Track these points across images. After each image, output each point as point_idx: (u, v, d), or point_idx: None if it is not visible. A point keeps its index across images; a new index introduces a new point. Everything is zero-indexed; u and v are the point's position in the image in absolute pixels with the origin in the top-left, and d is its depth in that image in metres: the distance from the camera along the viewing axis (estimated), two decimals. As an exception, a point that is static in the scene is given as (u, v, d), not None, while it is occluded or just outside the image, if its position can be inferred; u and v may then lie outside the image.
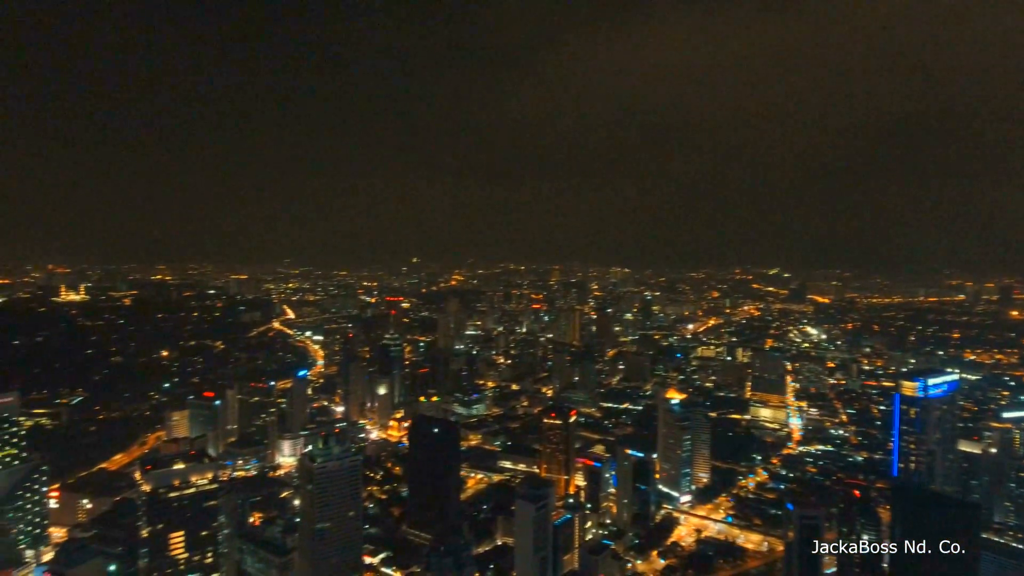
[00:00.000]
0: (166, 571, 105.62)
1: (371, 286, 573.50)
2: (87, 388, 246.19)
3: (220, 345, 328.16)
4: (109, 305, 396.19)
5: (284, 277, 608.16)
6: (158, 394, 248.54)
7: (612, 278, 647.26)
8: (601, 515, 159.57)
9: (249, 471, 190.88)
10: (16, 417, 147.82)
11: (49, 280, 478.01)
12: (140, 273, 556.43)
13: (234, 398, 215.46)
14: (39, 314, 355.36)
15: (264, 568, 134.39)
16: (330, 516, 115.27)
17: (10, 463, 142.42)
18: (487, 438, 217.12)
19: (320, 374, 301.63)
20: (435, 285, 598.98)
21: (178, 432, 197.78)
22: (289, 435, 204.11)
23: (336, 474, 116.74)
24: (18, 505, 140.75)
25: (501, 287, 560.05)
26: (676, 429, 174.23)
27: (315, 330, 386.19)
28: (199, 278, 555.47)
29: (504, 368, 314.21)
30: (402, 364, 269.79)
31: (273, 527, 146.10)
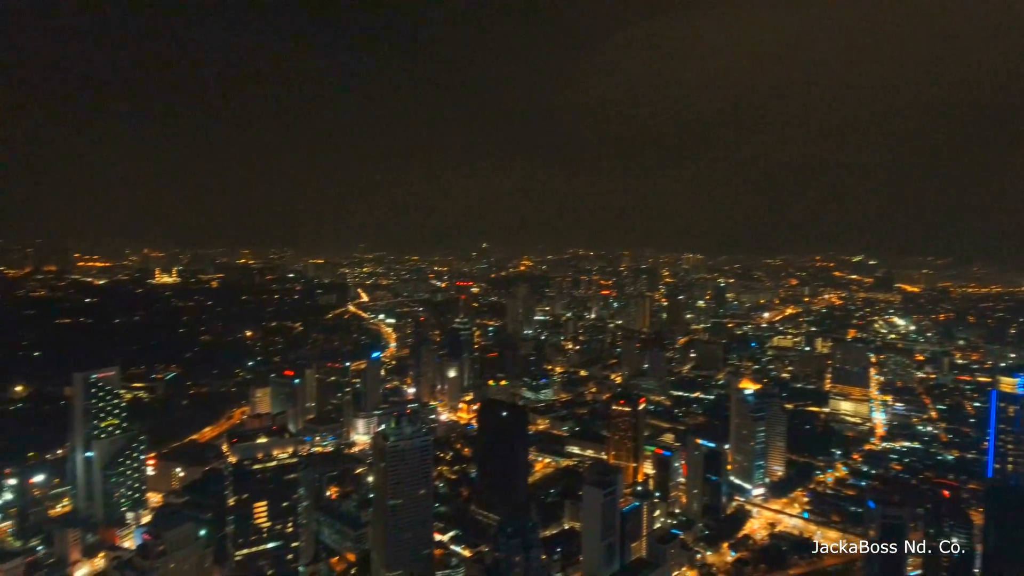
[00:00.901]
0: (250, 538, 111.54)
1: (442, 271, 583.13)
2: (180, 364, 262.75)
3: (299, 326, 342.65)
4: (198, 287, 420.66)
5: (359, 262, 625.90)
6: (243, 371, 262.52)
7: (684, 264, 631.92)
8: (670, 504, 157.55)
9: (326, 447, 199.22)
10: (117, 390, 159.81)
11: (145, 264, 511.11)
12: (226, 257, 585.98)
13: (312, 377, 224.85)
14: (137, 295, 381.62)
15: (340, 540, 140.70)
16: (402, 493, 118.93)
17: (112, 432, 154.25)
18: (555, 423, 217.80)
19: (392, 356, 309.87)
20: (504, 270, 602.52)
21: (261, 408, 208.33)
22: (363, 414, 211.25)
23: (408, 453, 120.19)
24: (120, 471, 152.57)
25: (570, 273, 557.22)
26: (750, 420, 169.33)
27: (388, 313, 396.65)
28: (279, 262, 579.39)
29: (572, 354, 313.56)
30: (471, 348, 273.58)
31: (349, 501, 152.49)
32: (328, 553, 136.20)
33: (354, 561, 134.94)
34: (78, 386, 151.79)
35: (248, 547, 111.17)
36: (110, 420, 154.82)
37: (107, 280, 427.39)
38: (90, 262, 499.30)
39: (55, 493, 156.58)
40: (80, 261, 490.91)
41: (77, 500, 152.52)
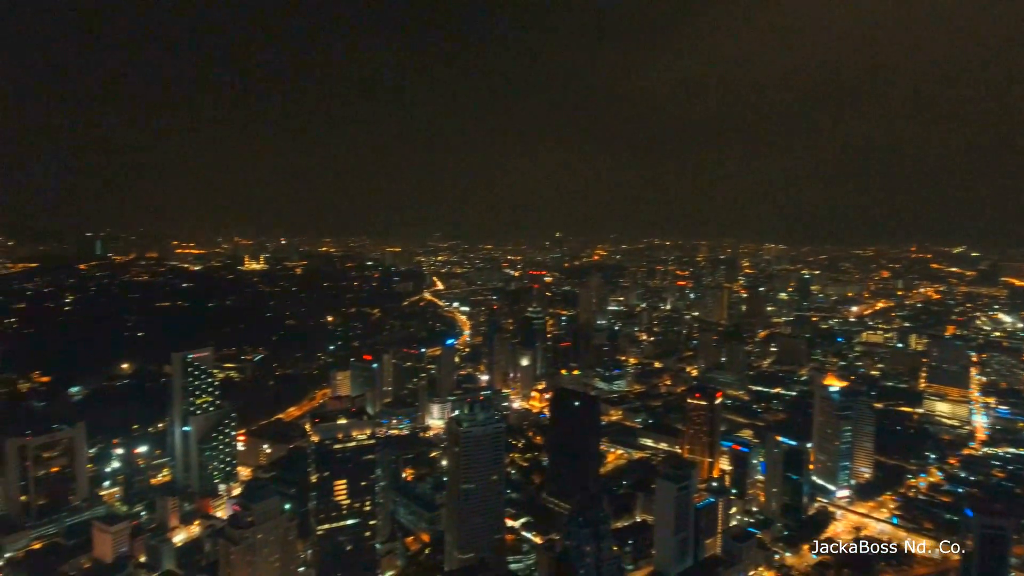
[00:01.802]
0: (331, 514, 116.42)
1: (515, 260, 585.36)
2: (267, 347, 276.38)
3: (377, 313, 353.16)
4: (284, 274, 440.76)
5: (434, 250, 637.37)
6: (324, 355, 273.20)
7: (765, 255, 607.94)
8: (747, 502, 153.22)
9: (402, 430, 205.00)
10: (211, 370, 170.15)
11: (235, 251, 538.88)
12: (309, 245, 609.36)
13: (389, 362, 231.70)
14: (228, 281, 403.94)
15: (415, 520, 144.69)
16: (475, 478, 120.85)
17: (207, 409, 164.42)
18: (628, 414, 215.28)
19: (466, 343, 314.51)
20: (577, 259, 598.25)
21: (341, 390, 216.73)
22: (438, 399, 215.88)
23: (481, 439, 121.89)
24: (213, 445, 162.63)
25: (645, 263, 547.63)
26: (835, 418, 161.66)
27: (462, 301, 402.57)
28: (359, 250, 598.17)
29: (647, 345, 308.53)
30: (544, 337, 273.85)
31: (423, 484, 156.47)
32: (403, 532, 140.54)
33: (428, 542, 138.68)
34: (176, 365, 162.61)
35: (329, 523, 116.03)
36: (205, 397, 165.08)
37: (202, 266, 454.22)
38: (186, 249, 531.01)
39: (156, 463, 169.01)
40: (178, 248, 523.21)
41: (176, 471, 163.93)
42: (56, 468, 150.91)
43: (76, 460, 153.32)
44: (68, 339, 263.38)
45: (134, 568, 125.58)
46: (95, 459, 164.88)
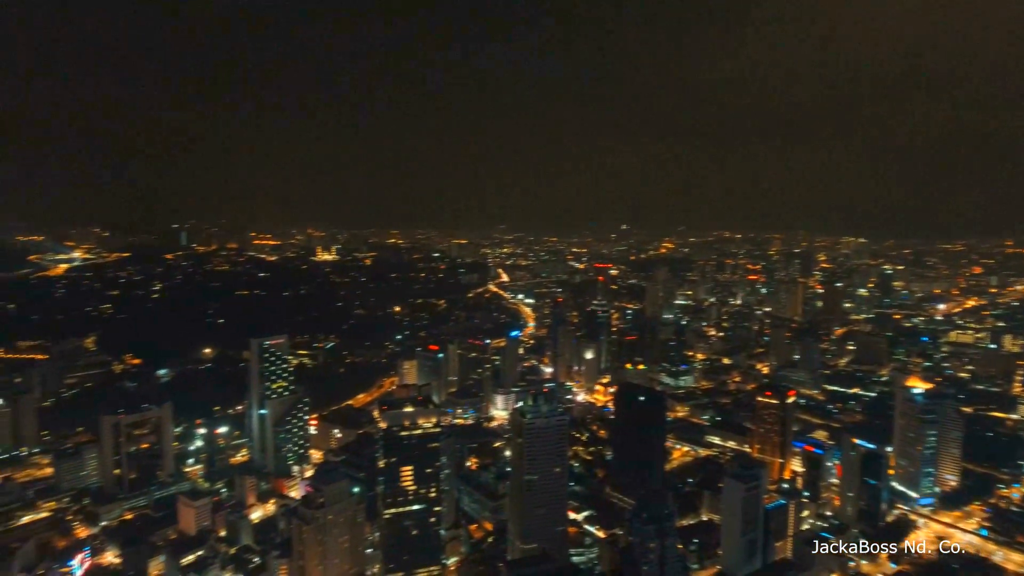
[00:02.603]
0: (397, 499, 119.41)
1: (580, 252, 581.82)
2: (338, 335, 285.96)
3: (443, 303, 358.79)
4: (354, 265, 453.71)
5: (499, 242, 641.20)
6: (392, 344, 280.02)
7: (843, 249, 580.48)
8: (820, 506, 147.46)
9: (466, 420, 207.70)
10: (286, 356, 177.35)
11: (308, 242, 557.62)
12: (378, 237, 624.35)
13: (454, 352, 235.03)
14: (302, 271, 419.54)
15: (478, 508, 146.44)
16: (538, 469, 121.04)
17: (282, 393, 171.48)
18: (695, 411, 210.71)
19: (531, 335, 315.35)
20: (644, 253, 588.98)
21: (408, 379, 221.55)
22: (502, 390, 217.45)
23: (544, 430, 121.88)
24: (288, 428, 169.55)
25: (714, 256, 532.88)
26: (918, 422, 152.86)
27: (526, 293, 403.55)
28: (425, 242, 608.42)
29: (715, 341, 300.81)
30: (609, 330, 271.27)
31: (487, 473, 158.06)
32: (467, 520, 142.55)
33: (491, 530, 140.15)
34: (254, 351, 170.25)
35: (395, 507, 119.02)
36: (280, 382, 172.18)
37: (277, 257, 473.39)
38: (263, 240, 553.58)
39: (236, 444, 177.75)
40: (255, 239, 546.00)
41: (253, 451, 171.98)
42: (146, 445, 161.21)
43: (163, 438, 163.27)
44: (156, 324, 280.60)
45: (215, 542, 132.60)
46: (180, 437, 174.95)
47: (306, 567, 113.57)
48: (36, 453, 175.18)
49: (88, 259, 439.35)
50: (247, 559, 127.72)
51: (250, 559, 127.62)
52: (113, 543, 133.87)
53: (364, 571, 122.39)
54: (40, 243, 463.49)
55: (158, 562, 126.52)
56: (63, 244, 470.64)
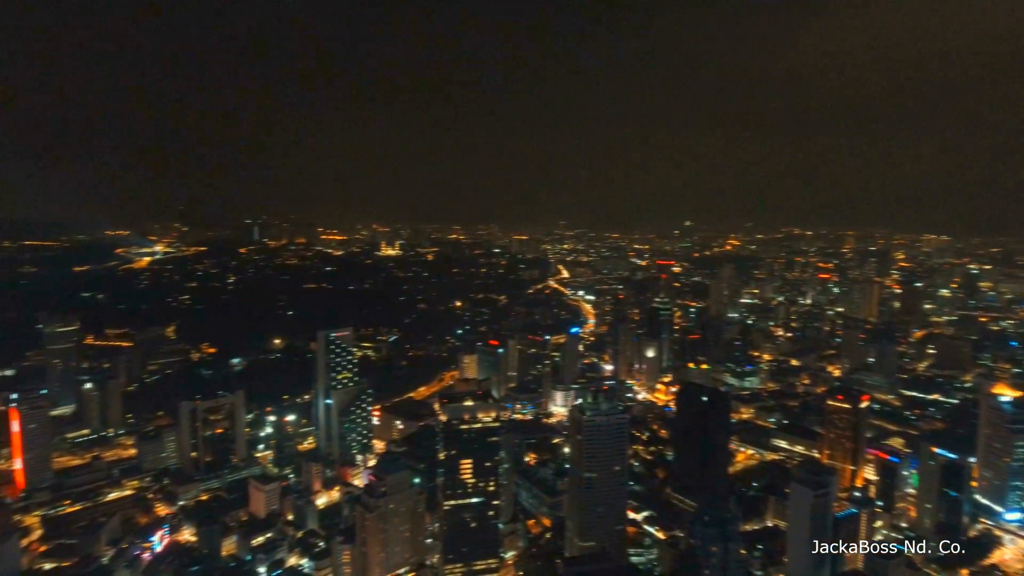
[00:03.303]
0: (456, 491, 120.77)
1: (642, 249, 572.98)
2: (400, 329, 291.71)
3: (503, 299, 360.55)
4: (416, 260, 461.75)
5: (560, 238, 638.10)
6: (452, 339, 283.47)
7: (924, 247, 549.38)
8: (895, 516, 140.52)
9: (525, 415, 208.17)
10: (351, 348, 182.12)
11: (373, 237, 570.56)
12: (440, 233, 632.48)
13: (514, 348, 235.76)
14: (366, 265, 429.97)
15: (536, 504, 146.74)
16: (597, 467, 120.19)
17: (346, 384, 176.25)
18: (760, 413, 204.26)
19: (591, 332, 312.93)
20: (708, 250, 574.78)
21: (468, 373, 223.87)
22: (561, 387, 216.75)
23: (603, 428, 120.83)
24: (352, 418, 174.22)
25: (783, 253, 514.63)
26: (1006, 432, 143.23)
27: (587, 290, 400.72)
28: (486, 238, 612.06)
29: (783, 341, 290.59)
30: (671, 329, 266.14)
31: (545, 469, 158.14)
32: (525, 515, 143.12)
33: (549, 526, 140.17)
34: (321, 342, 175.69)
35: (455, 499, 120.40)
36: (345, 373, 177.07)
37: (343, 252, 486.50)
38: (330, 235, 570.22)
39: (303, 431, 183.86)
40: (323, 234, 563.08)
41: (319, 439, 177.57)
42: (220, 430, 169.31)
43: (236, 424, 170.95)
44: (230, 315, 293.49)
45: (283, 525, 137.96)
46: (251, 424, 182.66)
47: (368, 553, 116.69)
48: (121, 434, 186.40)
49: (169, 253, 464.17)
50: (313, 543, 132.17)
51: (315, 543, 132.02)
52: (190, 522, 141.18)
53: (424, 560, 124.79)
54: (126, 237, 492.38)
55: (230, 542, 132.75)
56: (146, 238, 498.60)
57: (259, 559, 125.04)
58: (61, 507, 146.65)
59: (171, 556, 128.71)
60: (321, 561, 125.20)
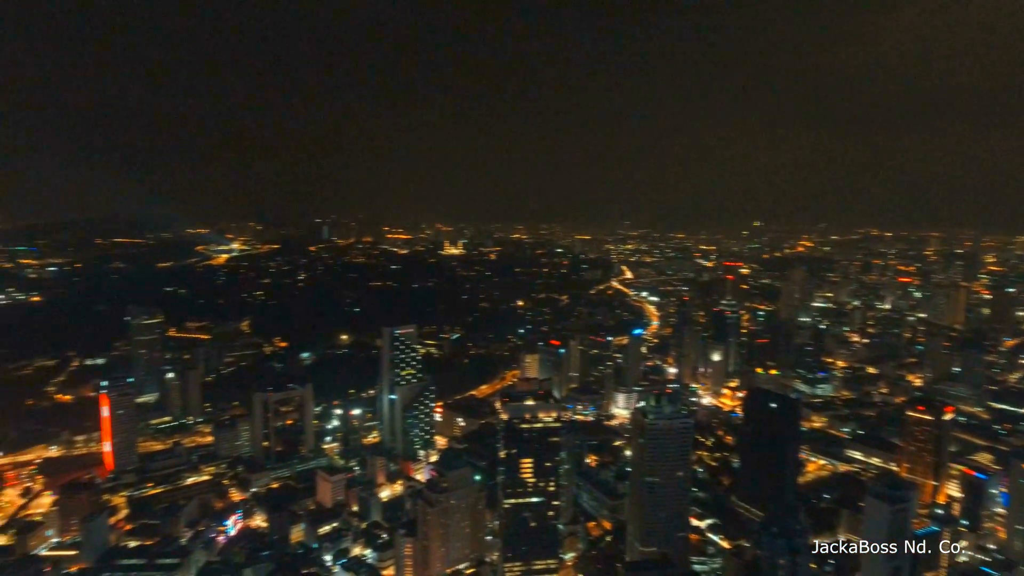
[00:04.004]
0: (517, 490, 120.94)
1: (708, 250, 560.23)
2: (463, 327, 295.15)
3: (565, 299, 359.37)
4: (479, 259, 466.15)
5: (623, 238, 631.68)
6: (514, 338, 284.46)
7: (1017, 249, 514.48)
8: (981, 537, 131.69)
9: (586, 416, 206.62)
10: (414, 345, 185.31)
11: (437, 236, 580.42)
12: (503, 232, 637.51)
13: (576, 348, 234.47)
14: (430, 264, 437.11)
15: (597, 506, 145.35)
16: (659, 472, 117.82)
17: (410, 380, 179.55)
18: (833, 422, 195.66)
19: (654, 334, 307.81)
20: (779, 251, 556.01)
21: (529, 372, 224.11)
22: (623, 389, 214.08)
23: (666, 432, 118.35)
24: (415, 414, 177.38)
25: (859, 255, 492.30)
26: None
27: (651, 291, 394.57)
28: (549, 237, 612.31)
29: (859, 347, 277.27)
30: (738, 332, 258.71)
31: (607, 471, 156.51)
32: (585, 517, 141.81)
33: (609, 529, 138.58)
34: (386, 339, 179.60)
35: (515, 498, 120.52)
36: (408, 370, 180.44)
37: (408, 250, 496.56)
38: (396, 234, 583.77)
39: (368, 425, 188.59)
40: (389, 234, 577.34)
41: (383, 433, 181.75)
42: (290, 421, 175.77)
43: (305, 416, 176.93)
44: (301, 311, 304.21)
45: (348, 515, 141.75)
46: (319, 416, 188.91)
47: (429, 547, 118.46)
48: (200, 422, 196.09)
49: (244, 250, 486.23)
50: (376, 534, 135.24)
51: (379, 534, 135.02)
52: (261, 508, 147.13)
53: (484, 557, 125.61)
54: (205, 235, 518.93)
55: (299, 529, 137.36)
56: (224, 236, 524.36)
57: (325, 547, 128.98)
58: (145, 489, 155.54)
59: (244, 540, 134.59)
60: (384, 553, 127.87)
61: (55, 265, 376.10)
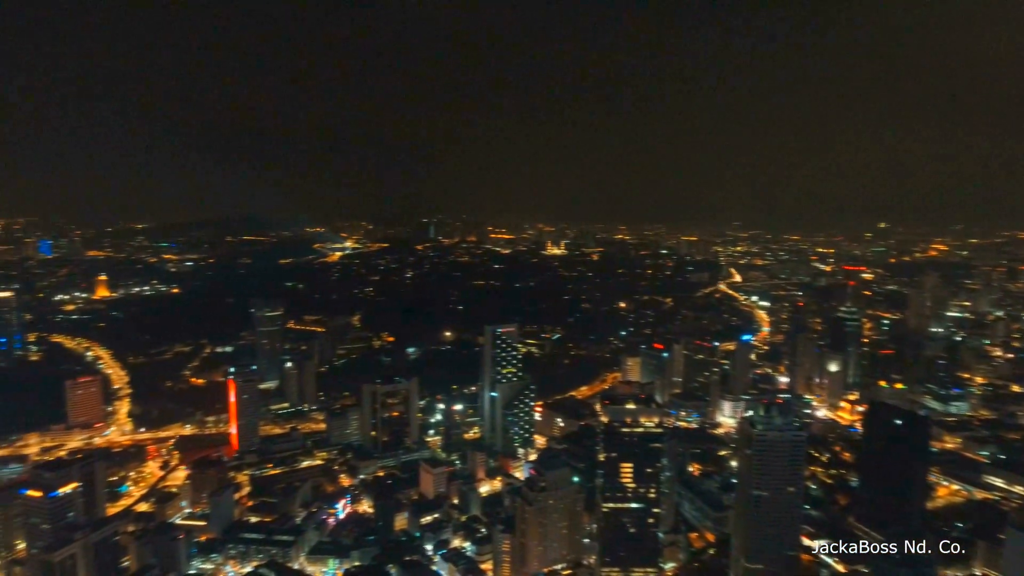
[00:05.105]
0: (616, 494, 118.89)
1: (826, 253, 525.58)
2: (564, 328, 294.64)
3: (669, 302, 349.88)
4: (581, 259, 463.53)
5: (732, 240, 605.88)
6: (616, 340, 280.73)
7: None
8: None
9: (690, 423, 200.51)
10: (515, 344, 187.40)
11: (539, 236, 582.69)
12: (606, 233, 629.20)
13: (680, 353, 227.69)
14: (532, 264, 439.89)
15: (700, 517, 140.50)
16: (768, 486, 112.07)
17: (510, 379, 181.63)
18: (969, 444, 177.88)
19: (765, 340, 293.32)
20: (908, 255, 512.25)
21: (631, 376, 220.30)
22: (730, 396, 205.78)
23: (777, 445, 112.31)
24: (515, 412, 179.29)
25: (1004, 260, 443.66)
26: None
27: (761, 295, 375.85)
28: (653, 238, 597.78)
29: (1001, 363, 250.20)
30: (859, 342, 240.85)
31: (710, 481, 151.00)
32: (687, 527, 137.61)
33: (713, 541, 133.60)
34: (488, 337, 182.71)
35: (614, 502, 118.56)
36: (509, 368, 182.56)
37: (511, 250, 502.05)
38: (498, 234, 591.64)
39: (469, 421, 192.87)
40: (492, 233, 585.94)
41: (484, 430, 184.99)
42: (396, 413, 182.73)
43: (410, 408, 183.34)
44: (407, 307, 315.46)
45: (449, 508, 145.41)
46: (423, 410, 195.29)
47: (527, 545, 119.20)
48: (314, 410, 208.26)
49: (356, 248, 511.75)
50: (475, 528, 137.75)
51: (478, 528, 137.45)
52: (368, 495, 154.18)
53: (581, 559, 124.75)
54: (321, 234, 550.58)
55: (402, 517, 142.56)
56: (338, 235, 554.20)
57: (427, 537, 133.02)
58: (265, 469, 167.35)
59: (351, 524, 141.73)
60: (482, 546, 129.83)
61: (191, 260, 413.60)
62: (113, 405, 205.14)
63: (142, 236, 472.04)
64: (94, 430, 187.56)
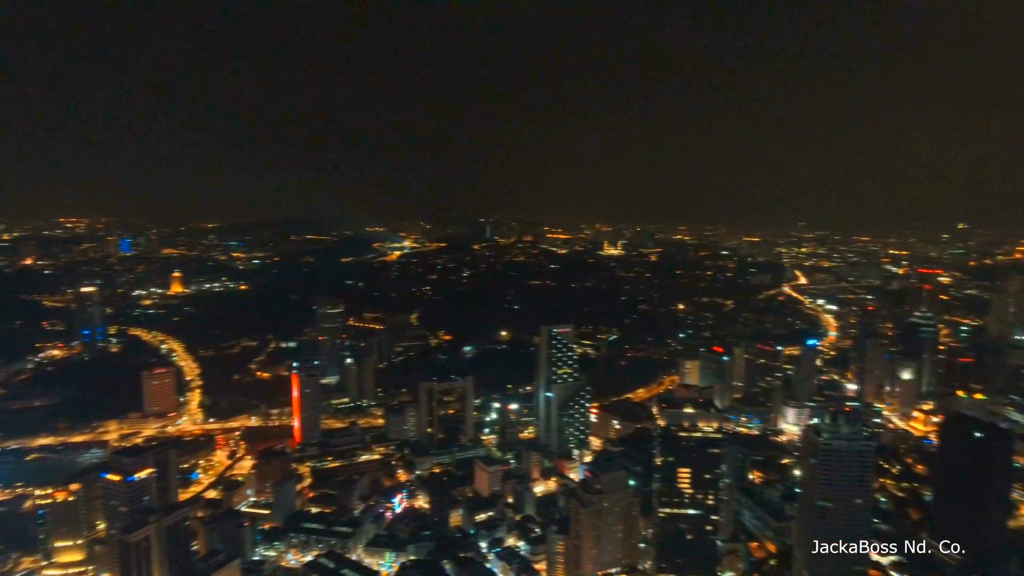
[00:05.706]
0: (673, 499, 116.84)
1: (899, 255, 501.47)
2: (620, 329, 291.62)
3: (730, 304, 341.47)
4: (639, 260, 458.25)
5: (797, 241, 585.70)
6: (674, 342, 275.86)
7: None
8: None
9: (751, 429, 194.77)
10: (571, 344, 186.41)
11: (596, 237, 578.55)
12: (664, 233, 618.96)
13: (741, 356, 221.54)
14: (589, 264, 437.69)
15: (760, 526, 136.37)
16: (833, 497, 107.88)
17: (566, 379, 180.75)
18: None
19: (831, 345, 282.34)
20: (990, 257, 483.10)
21: (689, 379, 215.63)
22: (794, 403, 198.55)
23: (843, 454, 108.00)
24: (570, 413, 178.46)
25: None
26: None
27: (828, 299, 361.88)
28: (713, 239, 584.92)
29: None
30: (935, 349, 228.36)
31: (772, 490, 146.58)
32: (747, 536, 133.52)
33: (774, 552, 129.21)
34: (543, 337, 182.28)
35: (670, 507, 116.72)
36: (565, 369, 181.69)
37: (567, 250, 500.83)
38: (555, 234, 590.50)
39: (524, 420, 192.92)
40: (548, 233, 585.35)
41: (539, 430, 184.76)
42: (452, 411, 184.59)
43: (466, 407, 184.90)
44: (464, 306, 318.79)
45: (503, 506, 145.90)
46: (479, 408, 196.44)
47: (581, 547, 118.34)
48: (372, 406, 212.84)
49: (414, 248, 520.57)
50: (529, 528, 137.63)
51: (532, 528, 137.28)
52: (424, 490, 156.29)
53: (636, 563, 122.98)
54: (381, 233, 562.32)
55: (457, 514, 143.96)
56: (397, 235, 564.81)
57: (481, 534, 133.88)
58: (326, 462, 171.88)
59: (407, 518, 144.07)
60: (536, 547, 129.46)
61: (258, 258, 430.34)
62: (185, 396, 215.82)
63: (213, 235, 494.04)
64: (167, 419, 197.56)
